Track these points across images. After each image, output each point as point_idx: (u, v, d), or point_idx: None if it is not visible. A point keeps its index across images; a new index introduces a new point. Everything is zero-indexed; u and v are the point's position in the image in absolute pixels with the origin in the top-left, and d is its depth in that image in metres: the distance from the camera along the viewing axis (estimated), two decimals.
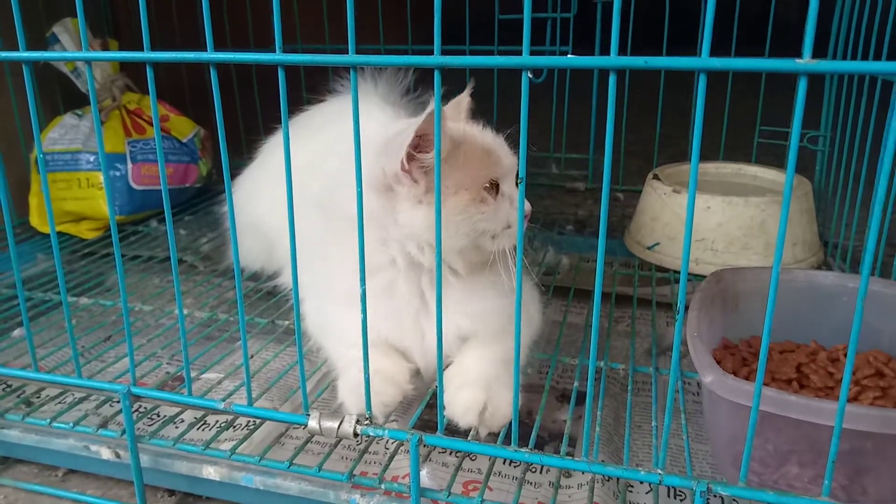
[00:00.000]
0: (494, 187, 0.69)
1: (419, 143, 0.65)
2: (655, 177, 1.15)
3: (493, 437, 0.64)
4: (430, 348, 0.74)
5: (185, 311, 0.99)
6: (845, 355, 0.69)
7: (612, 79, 0.45)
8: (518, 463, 0.71)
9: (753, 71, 0.45)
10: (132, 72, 1.34)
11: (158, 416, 0.78)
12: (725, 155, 1.27)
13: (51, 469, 0.76)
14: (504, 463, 0.72)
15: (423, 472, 0.62)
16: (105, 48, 1.26)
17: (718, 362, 0.71)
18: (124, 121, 1.27)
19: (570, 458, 0.55)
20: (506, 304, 0.77)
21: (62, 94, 1.31)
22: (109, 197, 0.62)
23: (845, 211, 1.02)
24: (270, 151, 1.05)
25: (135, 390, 0.63)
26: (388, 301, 0.73)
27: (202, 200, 1.39)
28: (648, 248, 1.11)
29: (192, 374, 0.84)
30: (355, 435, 0.58)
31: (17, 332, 0.94)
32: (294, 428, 0.76)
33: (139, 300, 1.04)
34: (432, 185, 0.64)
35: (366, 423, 0.59)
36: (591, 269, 1.15)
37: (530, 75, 1.36)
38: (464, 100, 0.79)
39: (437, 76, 0.50)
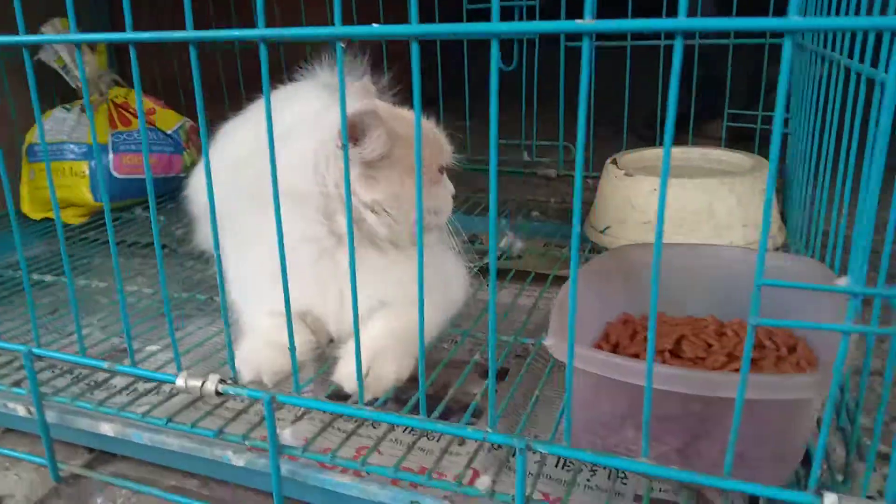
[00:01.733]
0: (441, 171, 0.80)
1: (352, 135, 0.69)
2: (613, 161, 1.15)
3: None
4: (346, 315, 0.77)
5: (149, 290, 1.05)
6: (735, 330, 0.69)
7: (585, 44, 0.42)
8: (412, 430, 0.73)
9: (740, 31, 0.42)
10: (123, 68, 1.41)
11: (104, 385, 0.83)
12: (697, 140, 1.26)
13: None
14: (403, 431, 0.74)
15: (287, 432, 0.64)
16: (93, 47, 1.34)
17: (608, 334, 0.71)
18: (111, 114, 1.34)
19: (407, 417, 0.56)
20: (427, 275, 0.80)
21: (55, 91, 1.39)
22: (103, 184, 0.66)
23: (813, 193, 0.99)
24: (223, 136, 1.09)
25: (36, 350, 0.68)
26: (315, 270, 0.76)
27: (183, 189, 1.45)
28: (600, 232, 1.11)
29: (136, 346, 0.89)
30: (217, 394, 0.61)
31: None
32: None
33: (106, 281, 1.10)
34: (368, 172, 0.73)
35: (230, 383, 0.61)
36: (542, 254, 1.15)
37: (502, 65, 1.36)
38: (368, 85, 0.82)
39: (414, 47, 0.47)
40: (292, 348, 0.60)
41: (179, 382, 0.62)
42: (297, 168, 0.73)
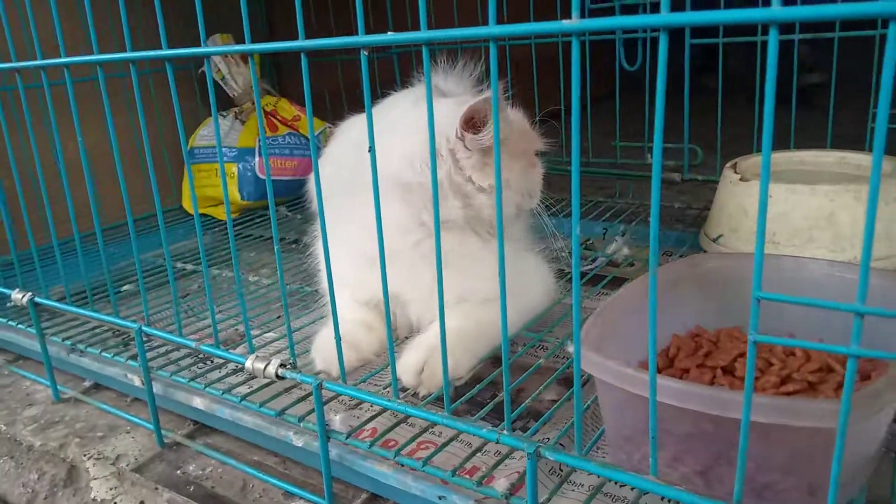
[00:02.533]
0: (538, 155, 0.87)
1: (474, 120, 0.78)
2: (734, 165, 1.08)
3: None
4: (428, 305, 0.81)
5: (267, 281, 1.15)
6: (807, 351, 0.63)
7: (575, 44, 0.42)
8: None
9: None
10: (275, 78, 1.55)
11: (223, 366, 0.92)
12: (836, 142, 1.14)
13: (124, 396, 0.95)
14: None
15: (337, 418, 0.68)
16: (246, 59, 1.48)
17: (669, 347, 0.68)
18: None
19: (424, 411, 0.58)
20: (508, 274, 0.82)
21: (217, 99, 1.55)
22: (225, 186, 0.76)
23: None
24: (335, 137, 1.17)
25: (144, 329, 0.78)
26: (411, 256, 0.81)
27: None
28: (713, 241, 1.05)
29: (256, 333, 0.98)
30: (277, 377, 0.66)
31: (150, 294, 1.16)
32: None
33: (252, 272, 1.22)
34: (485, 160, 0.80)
35: (290, 367, 0.67)
36: (646, 261, 1.11)
37: (625, 65, 1.34)
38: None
39: (492, 48, 0.47)
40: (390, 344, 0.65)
41: (248, 364, 0.68)
42: (404, 158, 0.78)
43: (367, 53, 0.52)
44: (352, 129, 1.14)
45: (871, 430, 0.51)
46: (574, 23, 0.42)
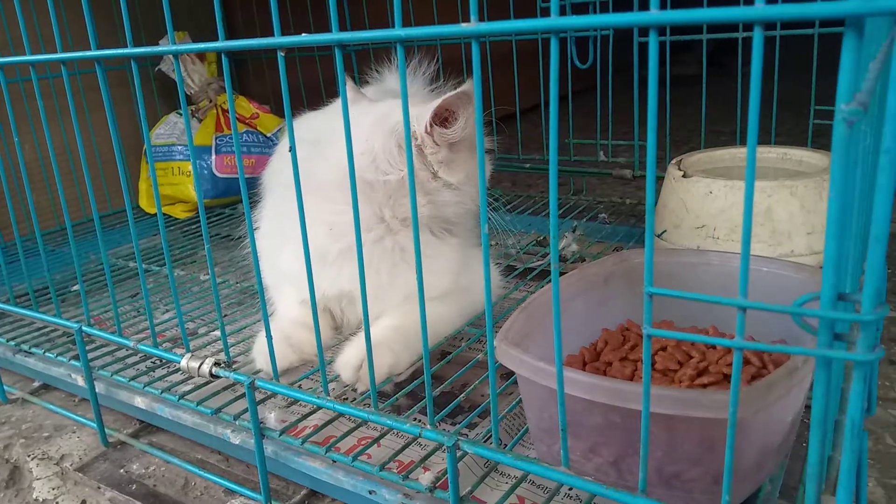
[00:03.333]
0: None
1: (446, 116, 0.78)
2: (678, 162, 1.10)
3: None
4: (374, 301, 0.82)
5: (234, 281, 1.15)
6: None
7: (653, 39, 0.38)
8: None
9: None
10: (240, 76, 1.55)
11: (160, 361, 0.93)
12: (785, 140, 1.17)
13: (72, 396, 0.95)
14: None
15: (272, 416, 0.69)
16: (202, 57, 1.48)
17: (598, 341, 0.70)
18: (218, 118, 1.48)
19: (354, 408, 0.59)
20: (452, 269, 0.84)
21: (173, 95, 1.55)
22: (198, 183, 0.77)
23: None
24: (282, 139, 1.18)
25: (85, 329, 0.78)
26: (368, 253, 0.81)
27: None
28: (658, 236, 1.07)
29: (202, 332, 0.99)
30: (211, 375, 0.67)
31: (75, 287, 1.16)
32: None
33: (205, 271, 1.22)
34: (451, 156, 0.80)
35: (223, 366, 0.68)
36: (594, 257, 1.12)
37: (577, 62, 1.35)
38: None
39: (474, 47, 0.45)
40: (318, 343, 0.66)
41: (182, 363, 0.69)
42: (364, 156, 0.79)
43: (283, 54, 0.53)
44: (303, 125, 1.14)
45: (774, 420, 0.53)
46: (472, 26, 0.43)
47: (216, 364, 0.68)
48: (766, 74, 0.37)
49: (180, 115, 1.48)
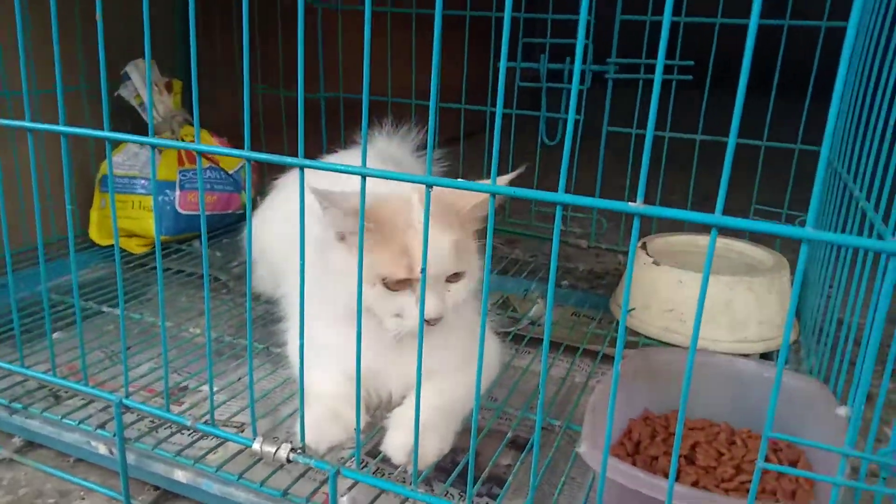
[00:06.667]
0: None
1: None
2: (643, 245, 1.23)
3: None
4: (403, 379, 0.86)
5: (198, 330, 1.14)
6: (743, 439, 0.77)
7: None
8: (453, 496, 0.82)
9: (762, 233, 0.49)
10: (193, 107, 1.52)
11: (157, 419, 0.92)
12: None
13: (64, 456, 0.91)
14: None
15: (344, 499, 0.73)
16: (169, 87, 1.44)
17: (630, 431, 0.80)
18: (179, 152, 1.44)
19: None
20: (466, 345, 0.89)
21: (132, 124, 1.49)
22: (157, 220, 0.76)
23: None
24: (280, 188, 1.20)
25: (125, 401, 0.77)
26: (375, 335, 0.84)
27: (242, 226, 1.55)
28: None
29: (192, 386, 0.99)
30: (288, 461, 0.70)
31: (56, 335, 1.11)
32: None
33: (167, 316, 1.19)
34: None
35: (300, 451, 0.70)
36: (571, 326, 1.23)
37: (546, 140, 1.44)
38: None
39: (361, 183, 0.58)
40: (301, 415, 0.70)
41: (255, 447, 0.71)
42: None
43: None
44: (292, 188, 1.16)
45: None
46: (488, 184, 0.51)
47: (293, 450, 0.70)
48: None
49: (141, 145, 1.43)
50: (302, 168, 0.62)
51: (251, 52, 0.62)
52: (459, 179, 0.59)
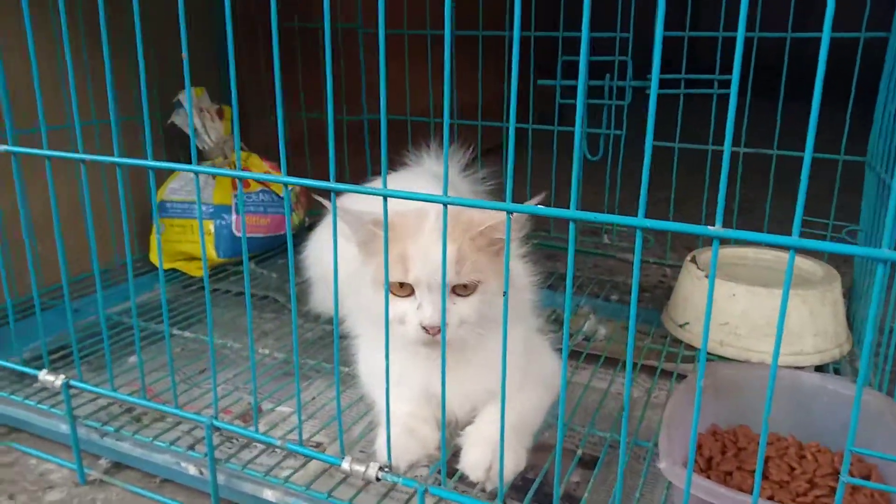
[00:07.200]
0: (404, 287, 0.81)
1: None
2: (693, 259, 1.25)
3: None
4: (463, 399, 0.89)
5: (266, 351, 1.18)
6: (813, 453, 0.79)
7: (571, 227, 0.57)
8: None
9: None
10: (243, 133, 1.57)
11: (239, 439, 0.96)
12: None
13: (150, 476, 0.95)
14: None
15: None
16: (220, 114, 1.49)
17: (700, 446, 0.82)
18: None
19: None
20: (522, 364, 0.91)
21: (186, 151, 1.55)
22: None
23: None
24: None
25: (216, 423, 0.81)
26: (426, 359, 0.88)
27: (294, 246, 1.60)
28: (680, 326, 1.22)
29: (268, 407, 1.03)
30: (377, 479, 0.73)
31: (131, 359, 1.16)
32: None
33: (231, 337, 1.24)
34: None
35: (387, 470, 0.74)
36: (626, 338, 1.25)
37: (588, 155, 1.47)
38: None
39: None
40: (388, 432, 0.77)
41: (345, 466, 0.74)
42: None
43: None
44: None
45: None
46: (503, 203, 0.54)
47: (380, 469, 0.74)
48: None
49: None
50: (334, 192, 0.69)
51: (294, 78, 0.67)
52: (476, 199, 0.63)
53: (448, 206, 0.64)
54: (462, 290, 0.82)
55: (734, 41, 0.50)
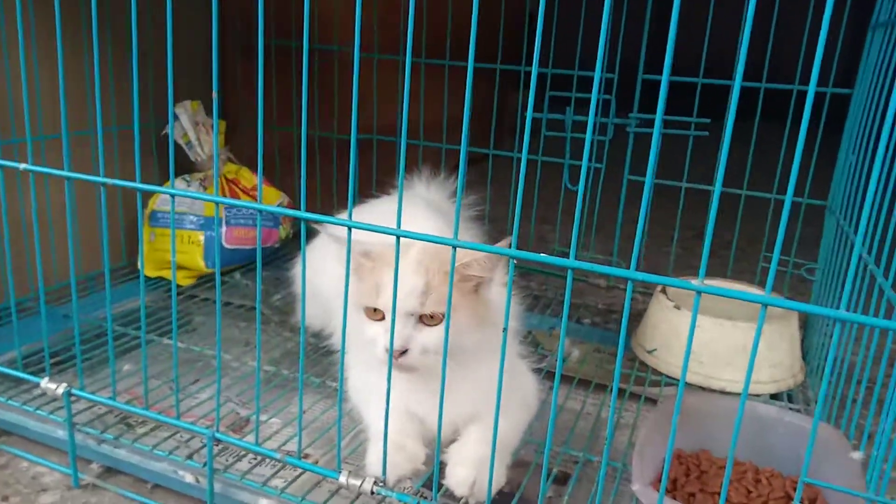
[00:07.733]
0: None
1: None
2: (663, 290, 1.33)
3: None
4: (444, 420, 0.94)
5: (253, 363, 1.22)
6: (767, 478, 0.87)
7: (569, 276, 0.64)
8: None
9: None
10: (236, 146, 1.61)
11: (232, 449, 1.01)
12: (734, 275, 1.45)
13: (142, 482, 0.99)
14: None
15: None
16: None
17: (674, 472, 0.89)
18: (223, 188, 1.53)
19: None
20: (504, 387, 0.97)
21: (179, 162, 1.58)
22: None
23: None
24: (333, 229, 1.29)
25: (217, 435, 0.85)
26: (406, 382, 0.93)
27: (278, 258, 1.64)
28: (648, 352, 1.29)
29: (262, 419, 1.07)
30: (371, 493, 0.79)
31: (126, 367, 1.19)
32: None
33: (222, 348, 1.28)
34: None
35: (381, 485, 0.79)
36: (598, 365, 1.33)
37: (569, 185, 1.55)
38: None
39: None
40: (385, 449, 0.81)
41: (342, 479, 0.80)
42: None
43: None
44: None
45: None
46: (507, 247, 0.61)
47: (375, 483, 0.79)
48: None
49: (186, 181, 1.51)
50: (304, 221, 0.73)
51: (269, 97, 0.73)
52: (483, 244, 0.70)
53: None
54: (428, 319, 0.87)
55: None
